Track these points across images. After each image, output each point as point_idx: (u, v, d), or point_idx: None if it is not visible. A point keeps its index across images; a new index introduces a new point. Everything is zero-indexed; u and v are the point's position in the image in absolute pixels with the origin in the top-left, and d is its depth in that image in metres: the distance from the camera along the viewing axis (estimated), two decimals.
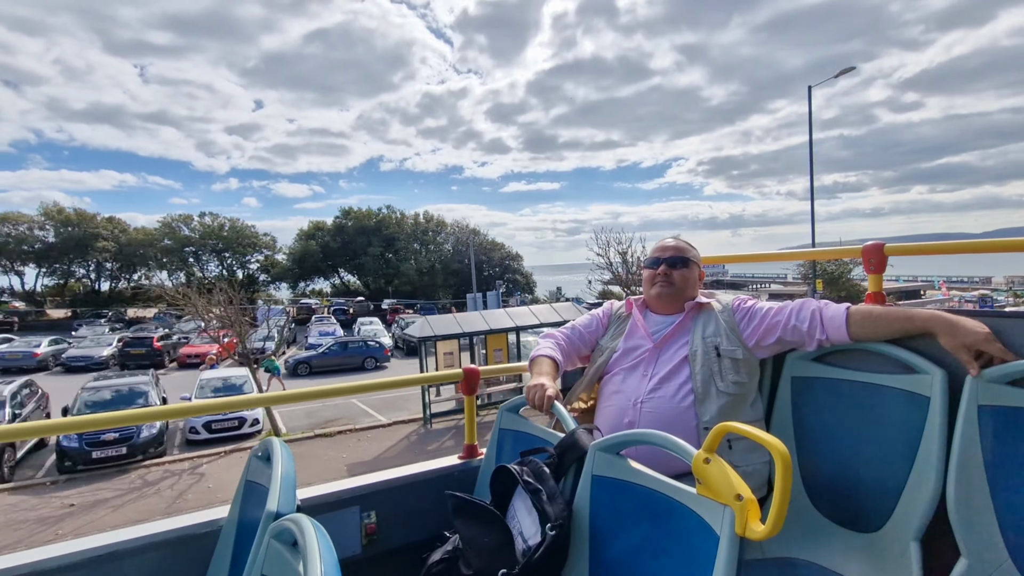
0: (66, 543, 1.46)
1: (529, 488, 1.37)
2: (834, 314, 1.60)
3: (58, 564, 1.40)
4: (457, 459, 2.08)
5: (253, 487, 1.46)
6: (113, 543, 1.48)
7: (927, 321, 1.46)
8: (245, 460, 1.53)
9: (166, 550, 1.52)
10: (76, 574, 1.42)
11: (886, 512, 1.48)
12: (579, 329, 1.99)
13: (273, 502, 1.20)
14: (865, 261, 1.82)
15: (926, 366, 1.46)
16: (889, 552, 1.45)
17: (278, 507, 1.19)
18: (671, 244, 1.90)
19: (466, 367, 2.15)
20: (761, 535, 0.98)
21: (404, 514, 1.88)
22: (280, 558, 1.04)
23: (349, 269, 51.50)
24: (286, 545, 1.04)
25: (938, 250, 1.99)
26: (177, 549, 1.54)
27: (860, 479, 1.57)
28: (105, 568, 1.45)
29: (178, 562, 1.53)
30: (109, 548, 1.46)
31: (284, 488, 1.24)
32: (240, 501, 1.51)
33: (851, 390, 1.63)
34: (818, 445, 1.68)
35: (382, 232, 49.17)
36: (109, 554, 1.46)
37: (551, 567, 1.31)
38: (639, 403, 1.68)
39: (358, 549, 1.79)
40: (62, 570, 1.40)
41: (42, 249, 42.97)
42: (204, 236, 47.26)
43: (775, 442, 1.01)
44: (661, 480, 1.22)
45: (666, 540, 1.17)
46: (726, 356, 1.68)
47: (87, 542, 1.48)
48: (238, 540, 1.45)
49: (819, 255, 2.90)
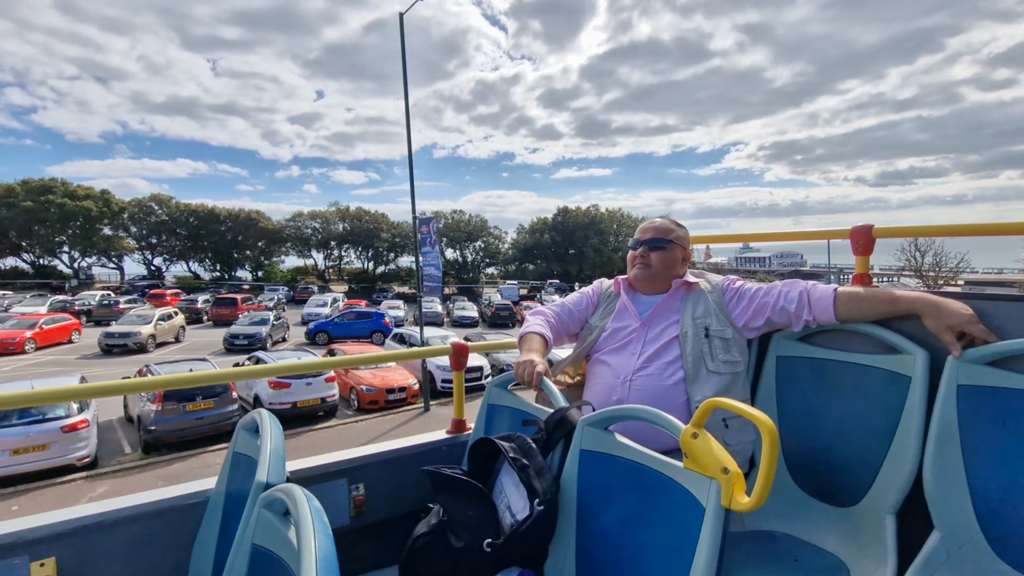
0: (55, 512, 1.46)
1: (517, 464, 1.38)
2: (822, 295, 1.62)
3: (46, 533, 1.40)
4: (445, 433, 2.10)
5: (241, 459, 1.47)
6: (100, 512, 1.48)
7: (912, 303, 1.48)
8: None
9: (153, 520, 1.53)
10: (62, 542, 1.41)
11: (864, 487, 1.52)
12: (569, 307, 2.00)
13: (263, 473, 1.21)
14: (853, 243, 1.83)
15: (909, 346, 1.49)
16: (866, 525, 1.50)
17: (268, 478, 1.20)
18: (652, 225, 1.89)
19: (455, 342, 2.16)
20: (747, 507, 1.00)
21: (392, 487, 1.90)
22: (271, 527, 1.04)
23: (569, 259, 58.14)
24: (277, 515, 1.05)
25: (930, 232, 1.99)
26: (165, 519, 1.54)
27: (840, 455, 1.61)
28: (92, 538, 1.45)
29: (166, 532, 1.54)
30: (96, 518, 1.46)
31: (274, 459, 1.25)
32: (228, 473, 1.51)
33: (835, 370, 1.66)
34: (800, 422, 1.71)
35: (595, 226, 56.83)
36: (96, 524, 1.46)
37: (538, 540, 1.34)
38: (628, 380, 1.70)
39: (347, 520, 1.81)
40: (49, 539, 1.40)
41: (334, 237, 55.68)
42: (451, 228, 57.15)
43: (762, 416, 1.02)
44: (649, 455, 1.24)
45: (652, 512, 1.19)
46: (716, 336, 1.69)
47: (73, 511, 1.48)
48: (226, 511, 1.47)
49: (807, 236, 2.58)
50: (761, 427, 1.01)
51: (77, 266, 48.90)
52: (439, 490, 1.46)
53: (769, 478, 0.99)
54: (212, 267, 54.35)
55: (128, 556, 1.49)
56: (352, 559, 1.69)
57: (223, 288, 45.92)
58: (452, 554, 1.32)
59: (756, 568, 1.51)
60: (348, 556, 1.63)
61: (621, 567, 1.24)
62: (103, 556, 1.46)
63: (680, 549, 1.09)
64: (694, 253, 2.05)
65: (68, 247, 48.17)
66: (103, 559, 1.45)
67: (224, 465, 1.52)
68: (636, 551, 1.21)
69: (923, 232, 2.09)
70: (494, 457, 1.50)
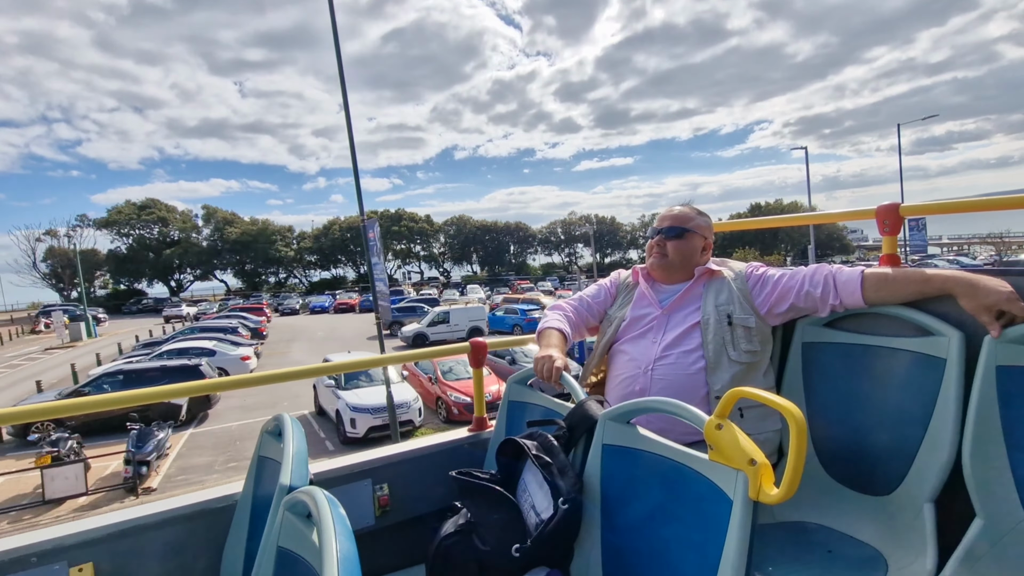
0: (90, 518, 1.50)
1: (540, 462, 1.37)
2: (848, 278, 1.56)
3: (83, 539, 1.43)
4: (467, 431, 2.10)
5: (266, 462, 1.49)
6: (134, 517, 1.51)
7: (946, 282, 1.41)
8: None
9: (185, 524, 1.56)
10: (98, 548, 1.45)
11: (899, 475, 1.47)
12: (587, 300, 1.97)
13: (286, 476, 1.22)
14: (879, 222, 1.76)
15: (942, 328, 1.42)
16: (903, 514, 1.44)
17: (291, 480, 1.21)
18: (670, 214, 1.84)
19: (473, 340, 2.15)
20: (776, 499, 0.98)
21: (416, 486, 1.91)
22: (295, 530, 1.05)
23: None
24: (300, 517, 1.06)
25: (965, 208, 1.87)
26: (195, 523, 1.57)
27: (873, 442, 1.55)
28: (127, 542, 1.48)
29: (197, 536, 1.57)
30: (131, 523, 1.49)
31: (297, 462, 1.26)
32: (254, 476, 1.53)
33: (864, 354, 1.60)
34: (830, 410, 1.66)
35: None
36: (130, 528, 1.49)
37: (564, 539, 1.33)
38: (649, 369, 1.68)
39: (371, 521, 1.83)
40: (86, 545, 1.43)
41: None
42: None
43: (789, 405, 1.00)
44: (672, 447, 1.22)
45: (678, 506, 1.17)
46: (739, 324, 1.66)
47: (108, 517, 1.51)
48: (253, 514, 1.48)
49: (831, 218, 2.41)
50: (787, 415, 0.99)
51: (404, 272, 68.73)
52: (465, 495, 1.47)
53: (798, 468, 0.97)
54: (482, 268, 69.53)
55: (161, 559, 1.52)
56: (379, 558, 1.74)
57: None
58: (479, 556, 1.32)
59: (789, 560, 1.48)
60: (374, 555, 1.64)
61: (648, 562, 1.22)
62: (137, 560, 1.49)
63: (708, 542, 1.07)
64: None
65: (392, 258, 67.75)
66: (137, 563, 1.49)
67: (250, 468, 1.55)
68: (663, 546, 1.19)
69: (956, 208, 1.94)
70: (518, 456, 1.49)
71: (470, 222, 71.60)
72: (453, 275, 71.28)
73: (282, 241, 65.91)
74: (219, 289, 68.97)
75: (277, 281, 68.30)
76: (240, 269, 66.44)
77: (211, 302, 53.58)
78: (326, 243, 66.55)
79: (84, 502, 9.34)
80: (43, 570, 1.38)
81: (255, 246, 63.60)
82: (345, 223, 66.62)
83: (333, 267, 69.39)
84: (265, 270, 67.12)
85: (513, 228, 72.41)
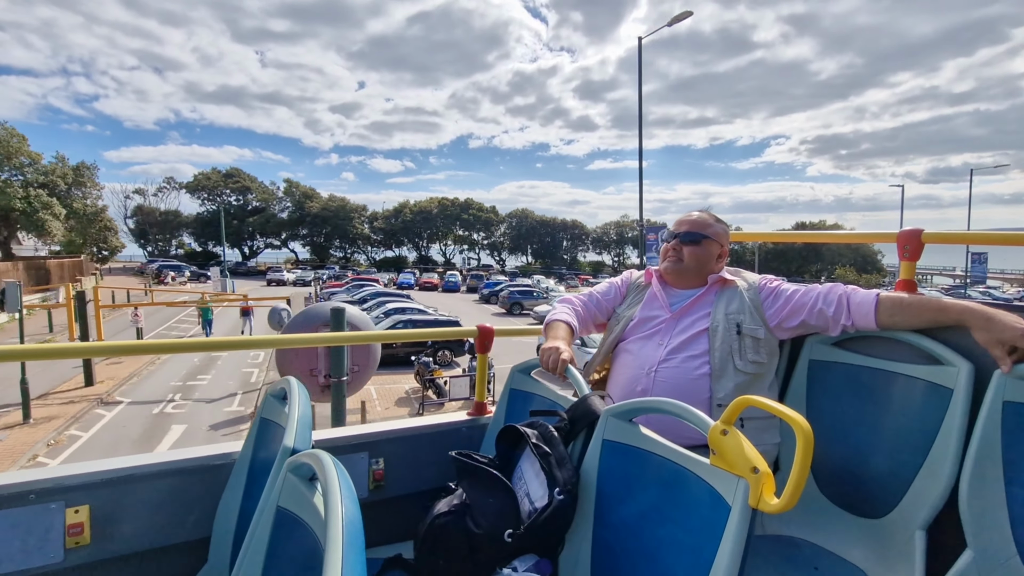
0: (89, 462, 1.53)
1: (539, 451, 1.37)
2: (862, 300, 1.57)
3: (81, 482, 1.46)
4: (466, 415, 2.11)
5: (268, 424, 1.49)
6: (131, 466, 1.53)
7: (962, 313, 1.42)
8: None
9: (181, 477, 1.57)
10: (95, 492, 1.47)
11: (894, 500, 1.48)
12: (597, 296, 1.98)
13: (291, 438, 1.22)
14: (900, 247, 1.75)
15: (953, 358, 1.43)
16: (894, 539, 1.46)
17: (295, 443, 1.21)
18: (689, 219, 1.85)
19: (480, 325, 2.15)
20: (776, 508, 0.98)
21: (411, 464, 1.92)
22: (297, 491, 1.05)
23: None
24: (303, 479, 1.06)
25: (986, 240, 1.94)
26: (191, 477, 1.58)
27: (871, 466, 1.56)
28: (122, 489, 1.50)
29: (192, 489, 1.58)
30: (127, 471, 1.51)
31: (301, 426, 1.26)
32: (255, 437, 1.54)
33: (871, 377, 1.62)
34: (830, 429, 1.67)
35: None
36: (127, 476, 1.51)
37: (556, 530, 1.34)
38: (653, 371, 1.68)
39: (365, 493, 1.84)
40: (83, 487, 1.45)
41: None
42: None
43: (798, 418, 1.00)
44: (674, 449, 1.22)
45: (674, 509, 1.17)
46: (747, 334, 1.66)
47: (107, 463, 1.53)
48: (251, 474, 1.49)
49: (852, 238, 2.72)
50: (796, 428, 0.99)
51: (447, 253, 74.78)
52: (463, 476, 1.48)
53: (801, 481, 0.97)
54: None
55: (155, 509, 1.54)
56: (369, 531, 1.69)
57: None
58: (471, 538, 1.33)
59: (775, 574, 1.50)
60: (365, 528, 1.68)
61: (639, 561, 1.22)
62: (131, 507, 1.51)
63: (701, 547, 1.07)
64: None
65: (452, 243, 73.69)
66: (131, 509, 1.51)
67: (251, 430, 1.55)
68: (655, 546, 1.19)
69: (979, 240, 1.99)
70: (516, 443, 1.50)
71: (532, 215, 76.28)
72: (508, 264, 75.12)
73: (358, 219, 70.33)
74: (282, 257, 73.19)
75: (344, 255, 72.33)
76: (310, 241, 70.62)
77: (286, 269, 56.45)
78: (397, 224, 70.65)
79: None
80: (40, 508, 1.40)
81: (334, 221, 67.89)
82: (416, 207, 71.86)
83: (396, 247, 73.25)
84: (332, 243, 71.10)
85: (570, 225, 77.12)
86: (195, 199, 66.84)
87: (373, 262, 72.09)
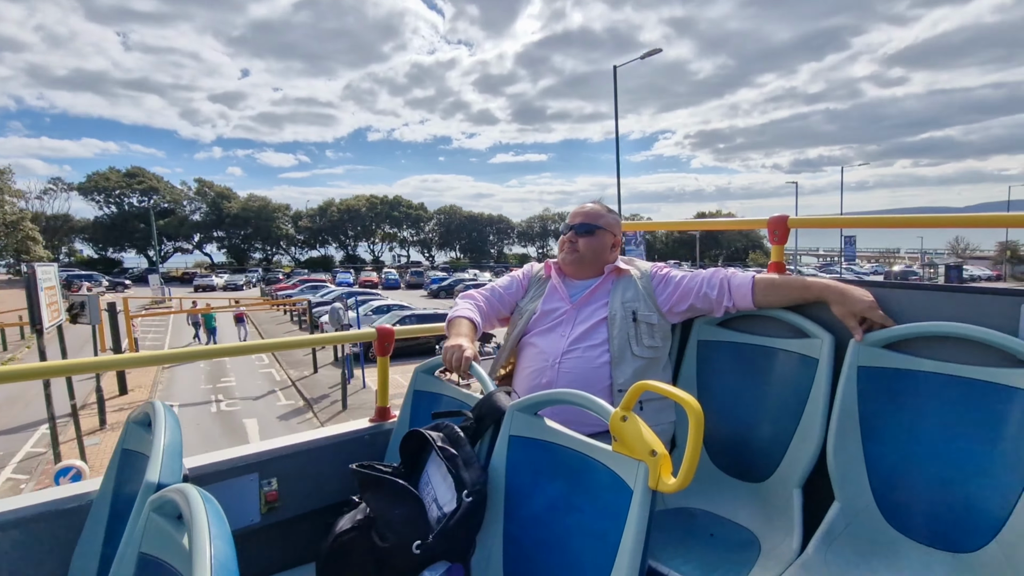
0: None
1: (445, 454, 1.34)
2: (741, 282, 1.69)
3: None
4: (368, 422, 2.00)
5: (131, 456, 1.31)
6: None
7: (821, 290, 1.58)
8: None
9: (26, 528, 1.33)
10: None
11: (774, 463, 1.62)
12: (499, 290, 1.97)
13: (154, 472, 1.07)
14: (770, 232, 1.91)
15: (817, 331, 1.59)
16: (775, 499, 1.59)
17: (159, 477, 1.06)
18: (583, 211, 1.89)
19: (379, 326, 2.07)
20: (673, 488, 1.02)
21: (310, 480, 1.79)
22: (162, 533, 0.92)
23: None
24: (169, 519, 0.93)
25: (843, 224, 2.17)
26: (36, 528, 1.34)
27: (754, 434, 1.70)
28: None
29: (38, 543, 1.34)
30: None
31: (168, 456, 1.11)
32: (115, 473, 1.34)
33: (751, 353, 1.75)
34: (719, 404, 1.79)
35: None
36: None
37: (466, 532, 1.31)
38: (557, 362, 1.71)
39: (257, 518, 1.69)
40: None
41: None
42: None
43: (689, 399, 1.04)
44: (578, 439, 1.24)
45: (580, 497, 1.20)
46: (643, 321, 1.73)
47: None
48: (112, 516, 1.30)
49: (730, 225, 3.39)
50: (688, 409, 1.03)
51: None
52: (366, 488, 1.39)
53: (694, 459, 1.01)
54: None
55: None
56: (263, 559, 1.64)
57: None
58: (377, 553, 1.27)
59: (676, 544, 1.57)
60: (259, 556, 1.62)
61: (548, 552, 1.23)
62: None
63: (607, 531, 1.10)
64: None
65: (378, 240, 71.93)
66: None
67: (111, 463, 1.35)
68: (564, 535, 1.21)
69: (836, 224, 2.17)
70: (422, 448, 1.44)
71: (459, 212, 78.99)
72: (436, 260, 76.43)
73: (282, 218, 67.76)
74: (192, 261, 69.59)
75: (264, 257, 69.54)
76: (228, 243, 67.36)
77: (203, 273, 53.90)
78: (322, 223, 68.98)
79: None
80: None
81: (256, 222, 64.94)
82: (343, 205, 70.75)
83: (321, 247, 71.61)
84: (251, 245, 68.15)
85: (496, 220, 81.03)
86: (90, 202, 61.09)
87: (298, 263, 69.89)
